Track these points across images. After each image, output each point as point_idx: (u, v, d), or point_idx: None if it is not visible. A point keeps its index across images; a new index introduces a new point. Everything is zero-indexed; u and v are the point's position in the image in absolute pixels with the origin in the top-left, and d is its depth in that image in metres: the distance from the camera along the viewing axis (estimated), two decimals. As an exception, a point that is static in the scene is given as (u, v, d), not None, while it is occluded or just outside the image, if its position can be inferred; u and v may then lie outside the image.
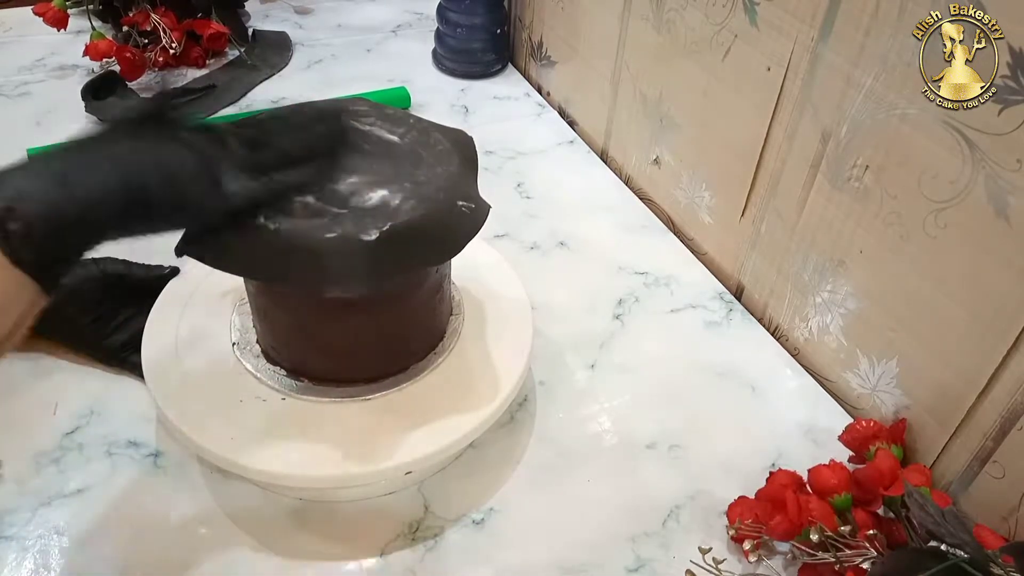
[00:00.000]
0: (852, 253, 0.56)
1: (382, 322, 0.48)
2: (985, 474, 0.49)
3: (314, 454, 0.46)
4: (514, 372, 0.51)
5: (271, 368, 0.50)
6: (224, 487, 0.51)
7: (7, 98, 0.87)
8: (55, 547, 0.47)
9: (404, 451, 0.46)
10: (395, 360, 0.51)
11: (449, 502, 0.51)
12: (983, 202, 0.46)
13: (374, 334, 0.48)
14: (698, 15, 0.66)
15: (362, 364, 0.50)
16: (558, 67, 0.93)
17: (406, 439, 0.47)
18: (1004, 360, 0.47)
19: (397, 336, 0.50)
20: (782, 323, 0.65)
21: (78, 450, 0.53)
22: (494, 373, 0.51)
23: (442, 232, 0.44)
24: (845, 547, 0.45)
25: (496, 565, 0.48)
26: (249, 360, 0.51)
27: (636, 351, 0.63)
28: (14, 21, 1.01)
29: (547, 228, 0.75)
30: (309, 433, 0.47)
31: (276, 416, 0.48)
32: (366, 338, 0.48)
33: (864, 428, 0.53)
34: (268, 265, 0.41)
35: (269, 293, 0.47)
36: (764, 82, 0.60)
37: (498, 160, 0.84)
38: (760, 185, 0.64)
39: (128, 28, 0.93)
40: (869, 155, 0.53)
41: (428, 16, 1.09)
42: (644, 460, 0.55)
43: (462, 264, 0.56)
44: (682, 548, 0.49)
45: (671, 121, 0.74)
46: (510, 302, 0.57)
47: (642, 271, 0.71)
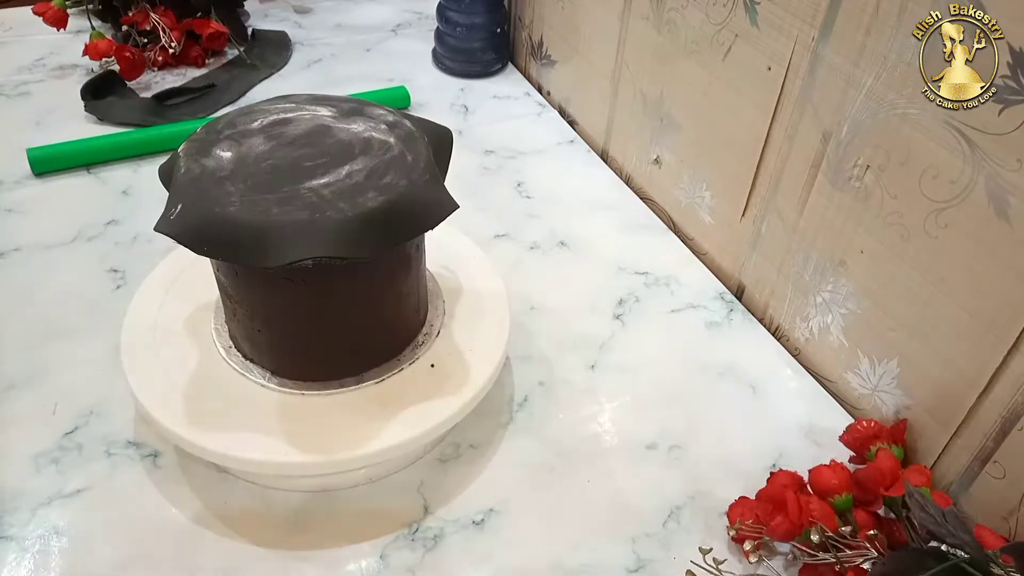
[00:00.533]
0: (853, 253, 0.56)
1: (351, 314, 0.48)
2: (985, 474, 0.49)
3: (279, 442, 0.46)
4: (490, 363, 0.52)
5: (246, 361, 0.51)
6: (224, 487, 0.51)
7: (6, 98, 0.87)
8: (55, 547, 0.47)
9: (373, 441, 0.46)
10: (369, 354, 0.51)
11: (449, 502, 0.51)
12: (984, 202, 0.46)
13: (343, 327, 0.48)
14: (698, 15, 0.66)
15: (334, 358, 0.50)
16: (558, 66, 0.93)
17: (377, 430, 0.47)
18: (1005, 360, 0.47)
19: (368, 328, 0.50)
20: (783, 323, 0.65)
21: (78, 450, 0.53)
22: (469, 365, 0.51)
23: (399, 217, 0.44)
24: (846, 547, 0.45)
25: (496, 565, 0.48)
26: (224, 349, 0.51)
27: (636, 351, 0.63)
28: (14, 21, 1.01)
29: (547, 228, 0.75)
30: (278, 421, 0.47)
31: (243, 401, 0.48)
32: (336, 331, 0.49)
33: (865, 428, 0.53)
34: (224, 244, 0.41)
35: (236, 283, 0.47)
36: (765, 82, 0.60)
37: (498, 160, 0.84)
38: (761, 185, 0.64)
39: (127, 28, 0.93)
40: (870, 155, 0.53)
41: (428, 16, 1.09)
42: (644, 460, 0.55)
43: (438, 256, 0.57)
44: (682, 548, 0.49)
45: (671, 121, 0.74)
46: (487, 293, 0.57)
47: (642, 271, 0.71)
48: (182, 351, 0.51)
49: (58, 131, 0.80)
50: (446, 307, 0.55)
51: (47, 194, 0.74)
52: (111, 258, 0.68)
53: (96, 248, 0.69)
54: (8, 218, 0.71)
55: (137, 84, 0.91)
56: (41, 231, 0.70)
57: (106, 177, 0.77)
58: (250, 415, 0.48)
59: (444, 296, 0.56)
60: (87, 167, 0.78)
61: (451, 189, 0.47)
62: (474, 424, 0.56)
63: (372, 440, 0.47)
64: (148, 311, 0.54)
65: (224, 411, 0.48)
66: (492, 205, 0.77)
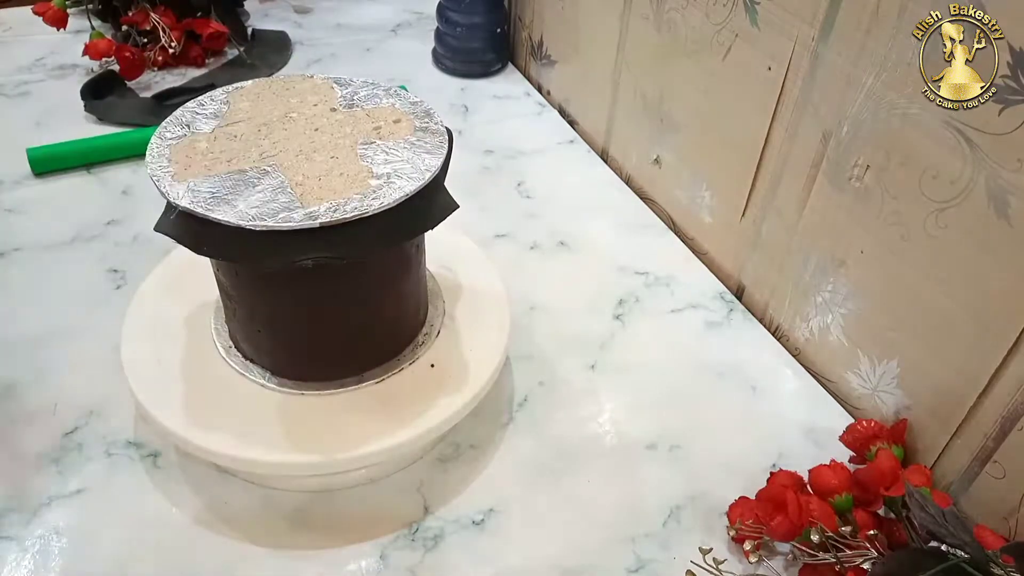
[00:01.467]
0: (853, 253, 0.56)
1: (351, 314, 0.48)
2: (985, 474, 0.49)
3: (279, 441, 0.46)
4: (490, 363, 0.52)
5: (246, 362, 0.51)
6: (224, 487, 0.51)
7: (6, 98, 0.87)
8: (55, 547, 0.47)
9: (373, 441, 0.46)
10: (369, 354, 0.51)
11: (449, 502, 0.51)
12: (984, 202, 0.46)
13: (343, 327, 0.49)
14: (698, 15, 0.66)
15: (334, 358, 0.50)
16: (558, 67, 0.93)
17: (377, 430, 0.47)
18: (1005, 360, 0.47)
19: (368, 328, 0.50)
20: (783, 323, 0.65)
21: (78, 450, 0.53)
22: (469, 365, 0.51)
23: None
24: (846, 547, 0.45)
25: (496, 565, 0.48)
26: (224, 349, 0.51)
27: (636, 351, 0.63)
28: (14, 21, 1.01)
29: (547, 228, 0.75)
30: (278, 421, 0.47)
31: (243, 402, 0.48)
32: (336, 332, 0.49)
33: (865, 428, 0.53)
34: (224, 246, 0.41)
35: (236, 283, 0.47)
36: (765, 82, 0.60)
37: (498, 160, 0.84)
38: (761, 185, 0.64)
39: (127, 27, 0.93)
40: (870, 155, 0.53)
41: (428, 16, 1.09)
42: (644, 460, 0.55)
43: (438, 256, 0.57)
44: (682, 548, 0.49)
45: (671, 121, 0.74)
46: (488, 294, 0.57)
47: (642, 271, 0.71)
48: (182, 351, 0.51)
49: (58, 131, 0.80)
50: (446, 307, 0.55)
51: (47, 194, 0.74)
52: (111, 258, 0.68)
53: (96, 248, 0.69)
54: (8, 218, 0.71)
55: (137, 84, 0.90)
56: (41, 231, 0.70)
57: (106, 177, 0.77)
58: (250, 415, 0.48)
59: (444, 296, 0.56)
60: (87, 167, 0.78)
61: (451, 189, 0.47)
62: (474, 424, 0.56)
63: (372, 440, 0.47)
64: (148, 311, 0.54)
65: (224, 411, 0.48)
66: (492, 205, 0.77)
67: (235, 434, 0.46)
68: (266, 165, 0.43)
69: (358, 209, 0.41)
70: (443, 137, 0.47)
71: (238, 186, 0.42)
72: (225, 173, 0.42)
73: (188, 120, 0.46)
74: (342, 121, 0.47)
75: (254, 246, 0.40)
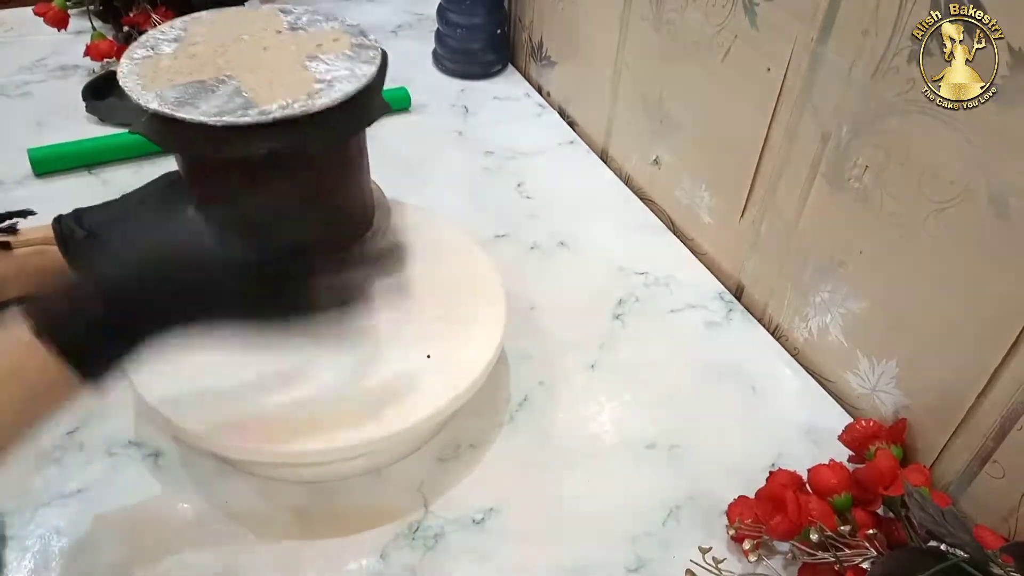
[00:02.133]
0: (852, 253, 0.56)
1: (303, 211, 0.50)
2: (985, 474, 0.49)
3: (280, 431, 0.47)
4: (486, 352, 0.52)
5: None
6: (225, 487, 0.51)
7: (8, 98, 0.87)
8: (55, 547, 0.47)
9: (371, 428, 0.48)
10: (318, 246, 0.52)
11: (449, 502, 0.51)
12: (983, 202, 0.46)
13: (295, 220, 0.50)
14: (698, 16, 0.66)
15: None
16: (558, 67, 0.93)
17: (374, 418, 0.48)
18: (1004, 360, 0.47)
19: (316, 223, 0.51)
20: (782, 323, 0.65)
21: (78, 450, 0.53)
22: (465, 357, 0.52)
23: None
24: (845, 547, 0.45)
25: (496, 565, 0.48)
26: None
27: (636, 351, 0.63)
28: (15, 21, 1.01)
29: (547, 228, 0.75)
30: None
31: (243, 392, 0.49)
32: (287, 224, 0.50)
33: (864, 428, 0.53)
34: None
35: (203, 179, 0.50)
36: (764, 82, 0.60)
37: (498, 160, 0.84)
38: (760, 185, 0.64)
39: (128, 28, 0.93)
40: (869, 155, 0.53)
41: (428, 16, 1.09)
42: (644, 460, 0.55)
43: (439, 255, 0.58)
44: (682, 548, 0.49)
45: (671, 121, 0.74)
46: (486, 292, 0.57)
47: (642, 271, 0.71)
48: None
49: (59, 131, 0.80)
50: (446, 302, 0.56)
51: (48, 194, 0.74)
52: (112, 258, 0.68)
53: (97, 248, 0.69)
54: (9, 218, 0.71)
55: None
56: (42, 231, 0.70)
57: (107, 177, 0.77)
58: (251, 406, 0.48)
59: (445, 293, 0.56)
60: (88, 167, 0.78)
61: (452, 189, 0.47)
62: (474, 424, 0.56)
63: (369, 428, 0.47)
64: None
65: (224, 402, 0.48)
66: (492, 205, 0.77)
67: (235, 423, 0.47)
68: (222, 75, 0.47)
69: (305, 106, 0.45)
70: (377, 51, 0.52)
71: (199, 92, 0.46)
72: (187, 83, 0.47)
73: (153, 44, 0.50)
74: (288, 40, 0.52)
75: (216, 140, 0.44)
